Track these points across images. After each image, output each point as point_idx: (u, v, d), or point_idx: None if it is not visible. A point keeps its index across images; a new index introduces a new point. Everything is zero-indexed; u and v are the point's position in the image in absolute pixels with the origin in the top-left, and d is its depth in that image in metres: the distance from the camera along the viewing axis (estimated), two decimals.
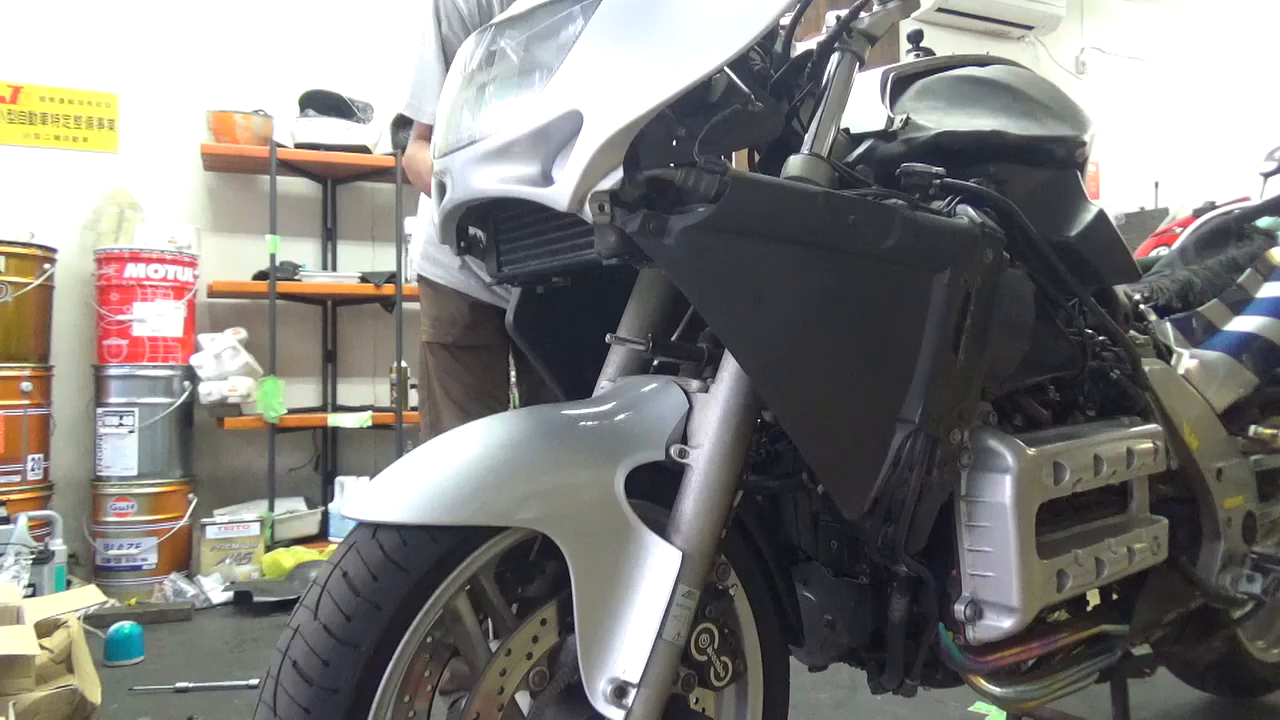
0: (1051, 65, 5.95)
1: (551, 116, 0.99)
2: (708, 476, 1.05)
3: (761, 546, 1.21)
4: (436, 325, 2.05)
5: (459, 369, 2.07)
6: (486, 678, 0.99)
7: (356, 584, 0.93)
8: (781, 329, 1.00)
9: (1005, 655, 1.23)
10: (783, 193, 1.01)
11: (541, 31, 1.06)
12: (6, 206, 3.80)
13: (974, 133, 1.28)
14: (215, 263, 4.01)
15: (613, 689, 0.97)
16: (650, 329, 1.21)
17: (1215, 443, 1.58)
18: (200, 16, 4.17)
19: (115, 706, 2.31)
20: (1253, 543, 1.60)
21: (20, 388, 3.50)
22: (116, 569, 3.61)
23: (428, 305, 2.07)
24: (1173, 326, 1.72)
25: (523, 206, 1.07)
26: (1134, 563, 1.33)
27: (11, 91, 3.92)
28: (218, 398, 3.79)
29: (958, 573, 1.18)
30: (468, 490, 0.96)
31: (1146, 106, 6.27)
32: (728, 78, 1.05)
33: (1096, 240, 1.37)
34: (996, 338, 1.15)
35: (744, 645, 1.17)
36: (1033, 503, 1.17)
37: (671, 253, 0.96)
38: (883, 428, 1.08)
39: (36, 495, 3.53)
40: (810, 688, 2.16)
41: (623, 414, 1.09)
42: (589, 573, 0.97)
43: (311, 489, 4.24)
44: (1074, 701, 1.56)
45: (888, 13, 1.13)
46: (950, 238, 1.10)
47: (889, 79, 1.34)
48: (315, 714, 0.89)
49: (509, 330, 1.30)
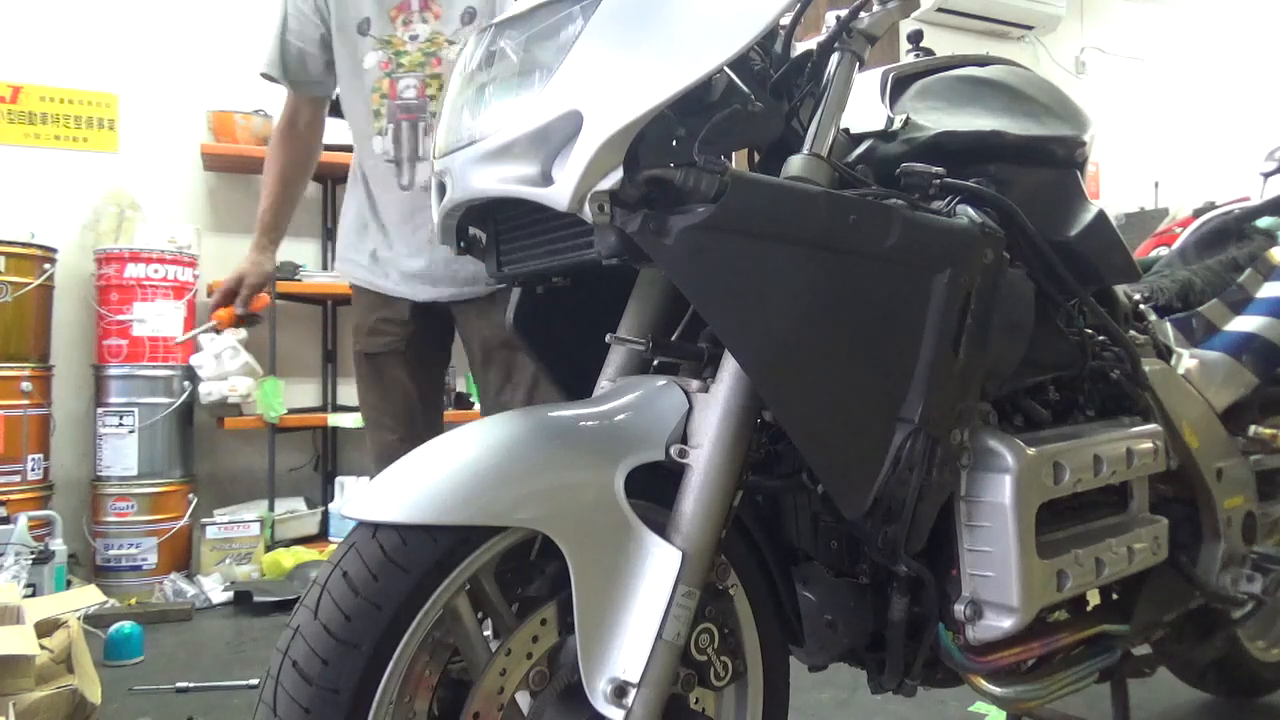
0: (1051, 65, 5.95)
1: (551, 116, 0.99)
2: (708, 476, 1.05)
3: (761, 546, 1.21)
4: (355, 332, 2.05)
5: (362, 381, 2.05)
6: (486, 678, 0.99)
7: (356, 584, 0.93)
8: (781, 329, 1.00)
9: (1005, 655, 1.23)
10: (783, 193, 1.01)
11: (541, 31, 1.06)
12: (6, 206, 3.80)
13: (974, 133, 1.28)
14: (215, 263, 4.00)
15: (613, 689, 0.97)
16: (650, 329, 1.21)
17: (1215, 443, 1.58)
18: (200, 16, 4.17)
19: (115, 706, 2.31)
20: (1253, 543, 1.60)
21: (20, 388, 3.50)
22: (116, 569, 3.61)
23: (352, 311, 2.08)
24: (1173, 326, 1.72)
25: (523, 206, 1.07)
26: (1134, 563, 1.33)
27: (11, 91, 3.92)
28: (218, 398, 3.79)
29: (958, 573, 1.18)
30: (468, 490, 0.96)
31: (1146, 106, 6.27)
32: (728, 78, 1.05)
33: (1096, 240, 1.37)
34: (996, 338, 1.15)
35: (744, 645, 1.16)
36: (1033, 503, 1.17)
37: (671, 253, 0.96)
38: (883, 428, 1.08)
39: (36, 495, 3.53)
40: (810, 688, 2.16)
41: (623, 414, 1.09)
42: (589, 573, 0.97)
43: (311, 489, 4.24)
44: (1074, 701, 1.56)
45: (888, 13, 1.13)
46: (950, 238, 1.10)
47: (889, 79, 1.34)
48: (315, 714, 0.89)
49: (509, 330, 1.30)
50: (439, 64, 1.92)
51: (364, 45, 1.94)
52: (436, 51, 1.92)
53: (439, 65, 1.92)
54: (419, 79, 1.92)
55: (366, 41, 1.94)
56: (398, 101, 1.94)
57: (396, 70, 1.94)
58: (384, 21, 1.93)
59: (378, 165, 1.97)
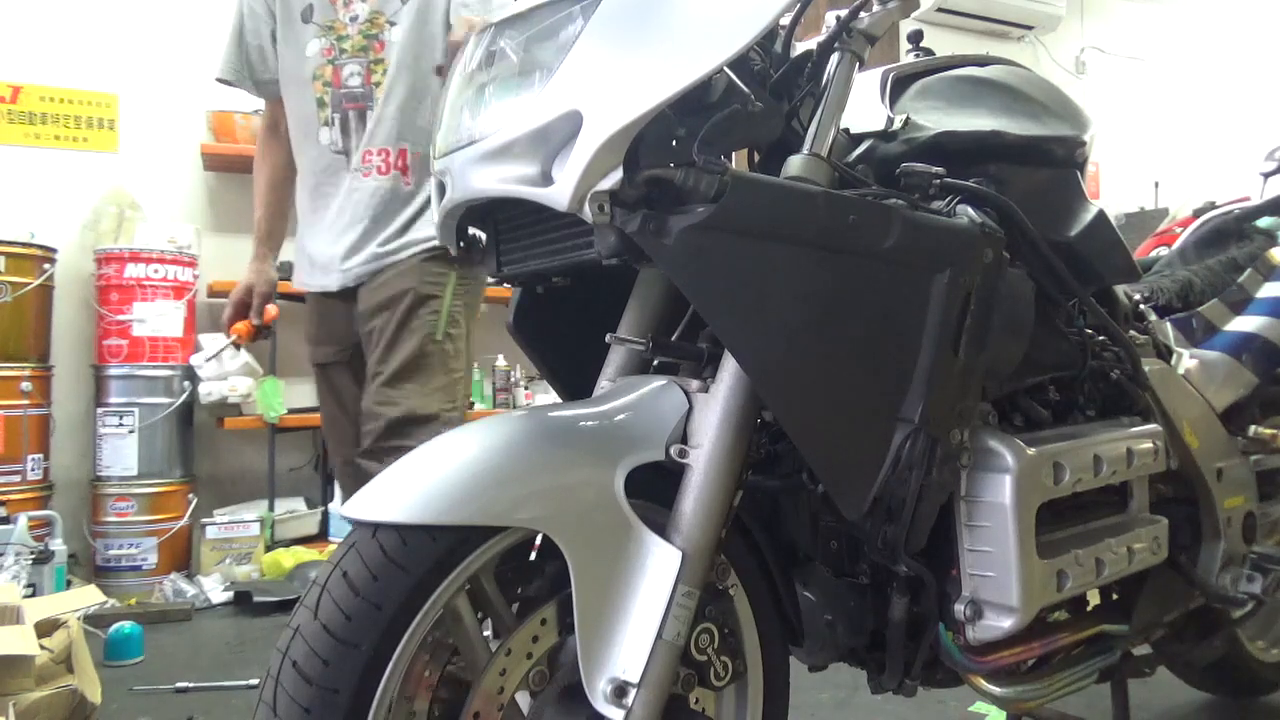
0: (1051, 65, 5.95)
1: (551, 116, 0.99)
2: (708, 476, 1.05)
3: (761, 546, 1.21)
4: (306, 340, 2.10)
5: (319, 391, 2.09)
6: (486, 678, 0.99)
7: (356, 584, 0.93)
8: (781, 329, 1.00)
9: (1005, 655, 1.23)
10: (783, 193, 1.01)
11: (541, 31, 1.06)
12: (6, 206, 3.80)
13: (974, 133, 1.28)
14: (215, 263, 4.00)
15: (613, 689, 0.97)
16: (650, 329, 1.21)
17: (1215, 443, 1.58)
18: (200, 16, 4.16)
19: (115, 706, 2.31)
20: (1253, 543, 1.60)
21: (20, 388, 3.50)
22: (116, 569, 3.61)
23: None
24: (1173, 326, 1.72)
25: (523, 206, 1.07)
26: (1134, 563, 1.33)
27: (11, 91, 3.92)
28: (218, 398, 3.79)
29: (958, 573, 1.18)
30: (467, 490, 0.96)
31: (1146, 106, 6.27)
32: (727, 78, 1.05)
33: (1096, 240, 1.37)
34: (996, 338, 1.15)
35: (744, 645, 1.16)
36: (1033, 503, 1.17)
37: (671, 253, 0.96)
38: (883, 428, 1.08)
39: (36, 495, 3.53)
40: (810, 688, 2.16)
41: (623, 414, 1.09)
42: (589, 573, 0.97)
43: (311, 489, 4.24)
44: (1074, 701, 1.56)
45: (888, 13, 1.13)
46: (950, 238, 1.10)
47: (889, 79, 1.34)
48: (315, 714, 0.89)
49: (509, 330, 1.30)
50: (382, 48, 1.91)
51: (307, 33, 1.94)
52: (378, 35, 1.91)
53: (382, 50, 1.91)
54: (362, 65, 1.92)
55: (309, 29, 1.93)
56: (342, 90, 1.94)
57: (339, 56, 1.93)
58: (325, 6, 1.93)
59: (323, 156, 1.97)
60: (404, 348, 1.86)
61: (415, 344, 1.86)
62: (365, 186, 1.95)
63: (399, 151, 1.94)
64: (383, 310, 1.89)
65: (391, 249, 1.92)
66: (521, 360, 4.37)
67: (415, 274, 1.90)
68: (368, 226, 1.94)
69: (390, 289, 1.89)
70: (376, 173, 1.94)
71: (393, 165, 1.94)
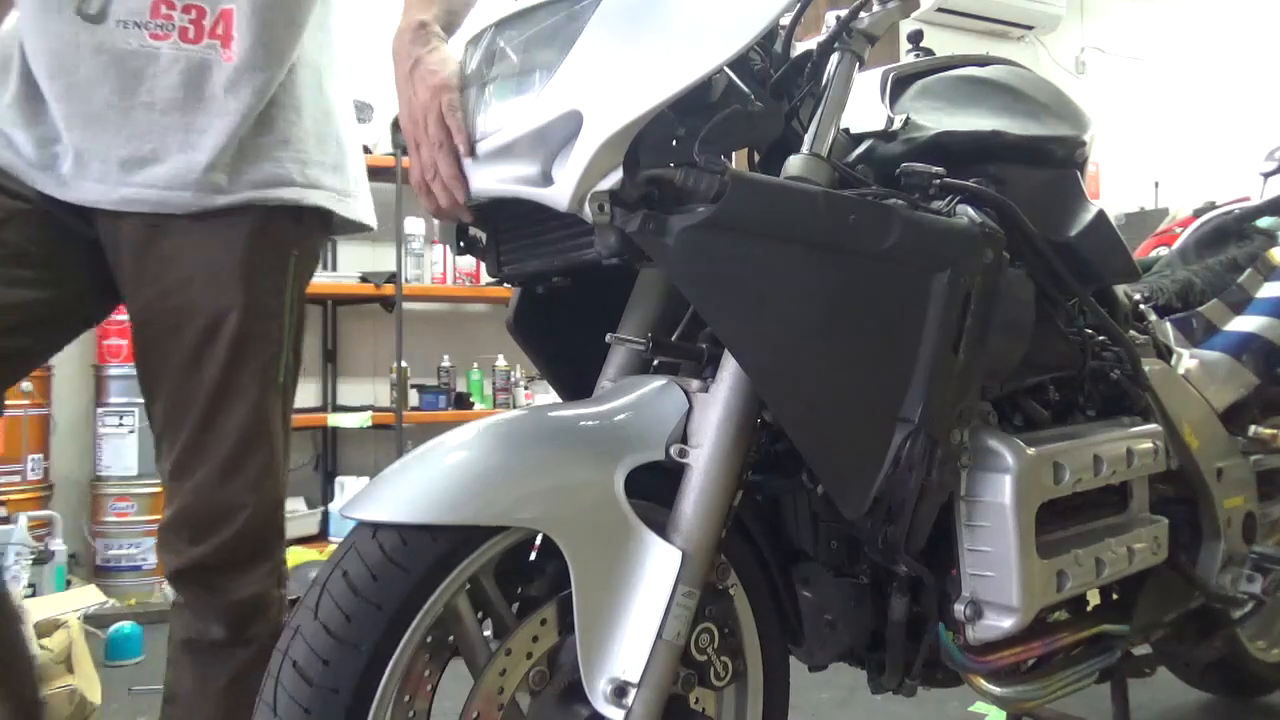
0: (1051, 65, 5.94)
1: (551, 116, 0.99)
2: (708, 476, 1.05)
3: (761, 546, 1.21)
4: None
5: None
6: (486, 678, 0.99)
7: (356, 584, 0.93)
8: (781, 329, 1.00)
9: (1005, 655, 1.23)
10: (783, 193, 1.01)
11: (541, 31, 1.06)
12: None
13: (974, 133, 1.27)
14: None
15: (612, 689, 0.97)
16: (650, 329, 1.21)
17: (1215, 443, 1.58)
18: None
19: (115, 706, 2.31)
20: (1253, 543, 1.60)
21: (20, 388, 3.50)
22: (116, 569, 3.61)
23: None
24: (1173, 326, 1.72)
25: (523, 206, 1.07)
26: (1134, 563, 1.33)
27: None
28: None
29: (957, 572, 1.18)
30: (468, 490, 0.96)
31: (1146, 106, 6.27)
32: (728, 78, 1.05)
33: (1096, 240, 1.37)
34: (996, 338, 1.15)
35: (744, 645, 1.17)
36: (1033, 503, 1.17)
37: (671, 253, 0.96)
38: (883, 428, 1.08)
39: (36, 495, 3.53)
40: (810, 688, 2.16)
41: (623, 414, 1.09)
42: (589, 572, 0.97)
43: (311, 489, 4.24)
44: (1074, 701, 1.56)
45: (888, 13, 1.13)
46: (950, 238, 1.10)
47: (889, 79, 1.34)
48: (315, 714, 0.89)
49: (509, 330, 1.30)
50: None
51: None
52: None
53: None
54: None
55: None
56: None
57: None
58: None
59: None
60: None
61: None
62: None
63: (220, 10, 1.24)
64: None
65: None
66: (521, 360, 4.37)
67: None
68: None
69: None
70: (180, 36, 1.22)
71: (207, 30, 1.23)
